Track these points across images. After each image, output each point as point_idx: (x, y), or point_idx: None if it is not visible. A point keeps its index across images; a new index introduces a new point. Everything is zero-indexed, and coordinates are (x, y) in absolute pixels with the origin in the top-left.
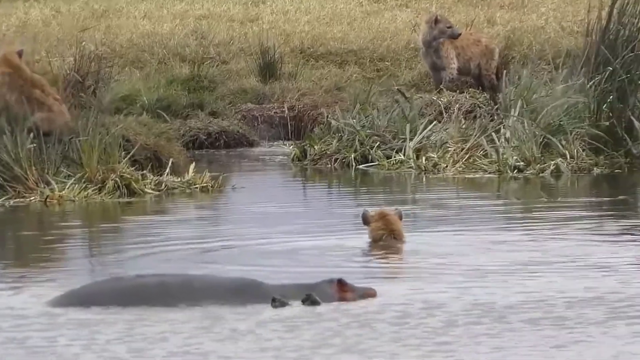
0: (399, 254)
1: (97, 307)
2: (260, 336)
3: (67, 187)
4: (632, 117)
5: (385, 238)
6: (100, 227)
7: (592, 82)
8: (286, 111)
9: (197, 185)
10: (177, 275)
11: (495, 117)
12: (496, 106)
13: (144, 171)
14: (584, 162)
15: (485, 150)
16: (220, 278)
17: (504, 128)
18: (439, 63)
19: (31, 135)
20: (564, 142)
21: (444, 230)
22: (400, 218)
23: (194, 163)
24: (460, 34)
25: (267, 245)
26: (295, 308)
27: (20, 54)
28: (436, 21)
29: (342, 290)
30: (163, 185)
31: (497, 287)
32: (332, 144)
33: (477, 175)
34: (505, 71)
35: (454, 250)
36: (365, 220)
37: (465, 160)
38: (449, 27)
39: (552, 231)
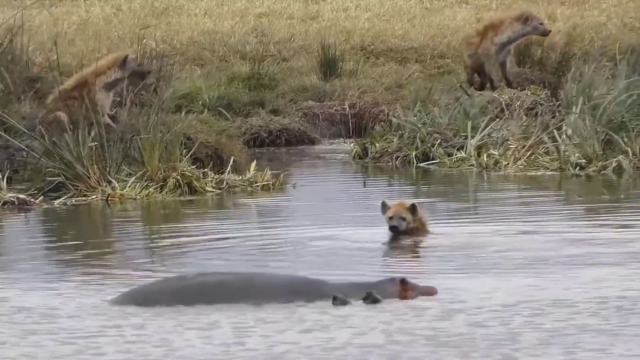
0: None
1: (159, 305)
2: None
3: (128, 185)
4: None
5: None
6: (161, 226)
7: None
8: (347, 109)
9: (258, 184)
10: (239, 273)
11: (557, 114)
12: (558, 103)
13: (205, 169)
14: None
15: (547, 148)
16: (282, 276)
17: (565, 125)
18: (507, 60)
19: (92, 133)
20: (626, 139)
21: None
22: (414, 211)
23: (255, 161)
24: (550, 32)
25: (327, 243)
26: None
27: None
28: (529, 18)
29: (403, 289)
30: (224, 183)
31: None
32: (393, 141)
33: (538, 173)
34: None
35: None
36: (383, 210)
37: (526, 158)
38: (541, 24)
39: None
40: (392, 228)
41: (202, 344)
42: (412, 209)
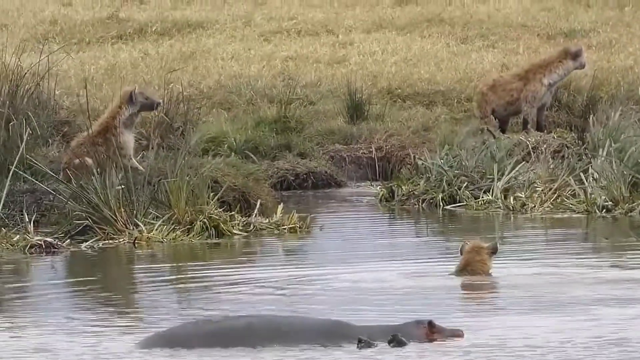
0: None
1: (185, 349)
2: None
3: (155, 228)
4: None
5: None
6: (188, 269)
7: None
8: (374, 152)
9: (285, 226)
10: (265, 316)
11: (584, 157)
12: (584, 146)
13: (232, 212)
14: None
15: (574, 190)
16: (308, 319)
17: (592, 168)
18: (549, 101)
19: (120, 177)
20: None
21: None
22: (493, 252)
23: (282, 204)
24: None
25: (354, 285)
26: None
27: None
28: (579, 53)
29: (430, 331)
30: (251, 226)
31: None
32: (419, 184)
33: (565, 215)
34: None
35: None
36: (460, 251)
37: (553, 200)
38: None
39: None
40: None
41: None
42: (493, 249)
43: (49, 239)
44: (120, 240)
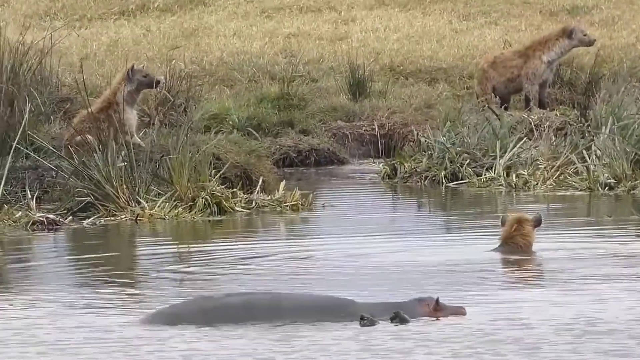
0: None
1: (187, 325)
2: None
3: (157, 205)
4: None
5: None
6: (190, 246)
7: None
8: (376, 129)
9: (287, 204)
10: (266, 293)
11: (586, 135)
12: (587, 123)
13: (235, 189)
14: None
15: (576, 168)
16: (309, 296)
17: (594, 145)
18: (550, 78)
19: (122, 154)
20: None
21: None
22: (537, 225)
23: (284, 181)
24: (595, 40)
25: (356, 262)
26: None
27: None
28: (573, 31)
29: (435, 308)
30: (253, 203)
31: None
32: (422, 161)
33: (567, 193)
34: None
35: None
36: (502, 223)
37: (555, 178)
38: (585, 35)
39: None
40: None
41: None
42: (537, 222)
43: (51, 216)
44: (122, 217)
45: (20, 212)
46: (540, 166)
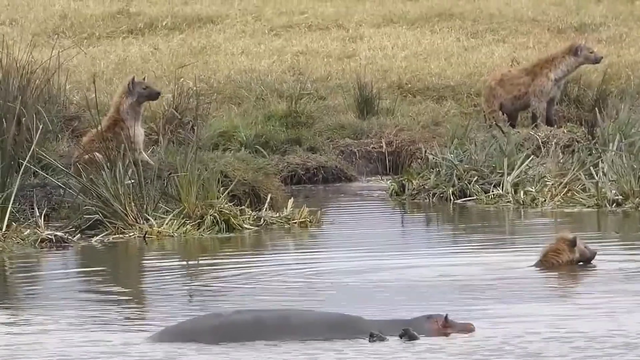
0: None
1: (196, 343)
2: None
3: (165, 222)
4: None
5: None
6: (199, 262)
7: None
8: (384, 146)
9: (295, 221)
10: (275, 310)
11: (594, 152)
12: (594, 140)
13: (243, 207)
14: None
15: (584, 185)
16: (319, 313)
17: (602, 162)
18: (558, 95)
19: (130, 171)
20: None
21: None
22: (572, 244)
23: (292, 198)
24: (602, 57)
25: (364, 279)
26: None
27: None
28: (579, 48)
29: (444, 325)
30: (261, 220)
31: None
32: (430, 178)
33: (575, 210)
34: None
35: None
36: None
37: (563, 195)
38: (591, 53)
39: None
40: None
41: None
42: (572, 242)
43: (59, 233)
44: (131, 234)
45: (28, 230)
46: (547, 183)
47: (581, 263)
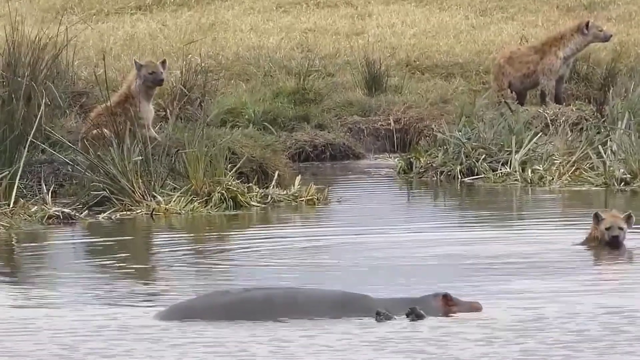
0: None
1: (203, 321)
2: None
3: (173, 199)
4: None
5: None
6: (206, 240)
7: None
8: (392, 124)
9: (302, 198)
10: (283, 289)
11: (602, 130)
12: (603, 119)
13: (250, 184)
14: None
15: (592, 163)
16: (326, 292)
17: (610, 141)
18: (567, 73)
19: (138, 147)
20: None
21: None
22: (629, 221)
23: (299, 176)
24: (612, 35)
25: (372, 257)
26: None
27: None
28: (588, 26)
29: (447, 304)
30: (269, 197)
31: None
32: (437, 156)
33: (583, 188)
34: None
35: None
36: (595, 221)
37: (571, 173)
38: (600, 31)
39: None
40: (613, 239)
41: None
42: (628, 218)
43: (66, 210)
44: (138, 211)
45: (35, 206)
46: (555, 161)
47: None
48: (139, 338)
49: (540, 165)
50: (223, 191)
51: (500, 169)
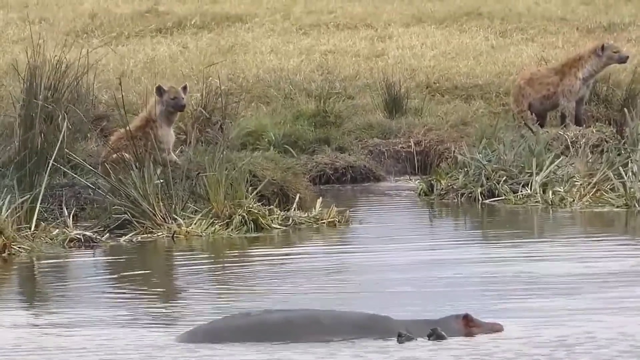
0: None
1: (224, 343)
2: None
3: (194, 222)
4: None
5: None
6: (227, 262)
7: None
8: (412, 146)
9: (324, 220)
10: (304, 310)
11: (623, 151)
12: (623, 140)
13: (271, 206)
14: None
15: (613, 184)
16: (348, 313)
17: (631, 162)
18: (587, 95)
19: (159, 171)
20: None
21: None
22: None
23: (320, 198)
24: (628, 57)
25: (393, 279)
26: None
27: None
28: (603, 48)
29: (468, 325)
30: (290, 220)
31: None
32: (458, 178)
33: (604, 210)
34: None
35: None
36: None
37: (592, 195)
38: (615, 52)
39: None
40: None
41: None
42: None
43: (88, 233)
44: (159, 234)
45: (57, 230)
46: (576, 183)
47: None
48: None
49: (561, 187)
50: (244, 214)
51: (521, 191)
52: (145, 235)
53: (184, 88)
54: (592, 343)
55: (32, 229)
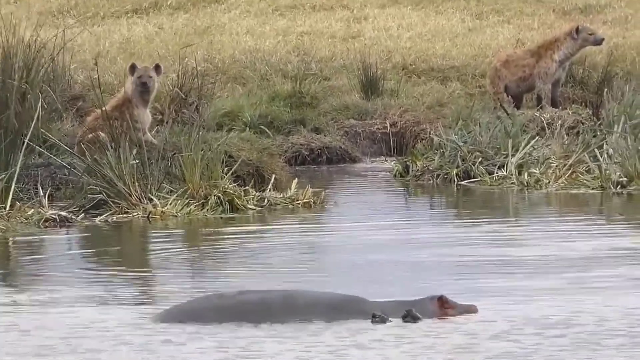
0: None
1: (199, 323)
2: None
3: (169, 203)
4: None
5: None
6: (202, 243)
7: None
8: (388, 127)
9: (299, 201)
10: (279, 291)
11: (598, 133)
12: (599, 122)
13: (247, 187)
14: None
15: (588, 166)
16: (322, 294)
17: (606, 144)
18: (563, 77)
19: (135, 151)
20: None
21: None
22: None
23: (296, 179)
24: (603, 39)
25: (368, 260)
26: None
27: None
28: (577, 31)
29: (443, 306)
30: (265, 201)
31: None
32: (434, 160)
33: (579, 191)
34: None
35: None
36: None
37: (567, 176)
38: (590, 34)
39: None
40: None
41: None
42: None
43: (63, 213)
44: (135, 214)
45: (32, 210)
46: (552, 165)
47: None
48: (134, 339)
49: (537, 169)
50: (219, 194)
51: (497, 172)
52: (121, 215)
53: (156, 67)
54: (563, 324)
55: (7, 208)
